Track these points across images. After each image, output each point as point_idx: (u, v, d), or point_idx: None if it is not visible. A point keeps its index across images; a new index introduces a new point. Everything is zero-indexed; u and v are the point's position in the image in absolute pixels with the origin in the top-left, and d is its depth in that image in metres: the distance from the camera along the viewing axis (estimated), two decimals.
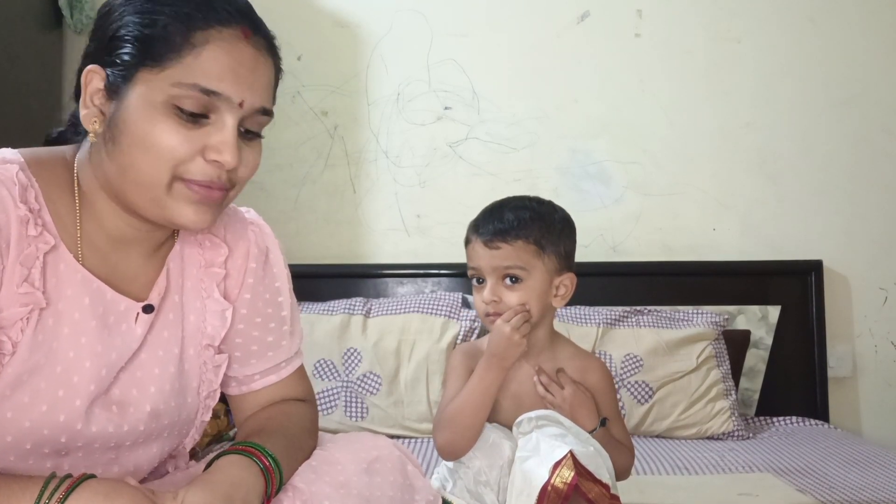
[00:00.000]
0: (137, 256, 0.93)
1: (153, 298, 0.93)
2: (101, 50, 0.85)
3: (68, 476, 0.76)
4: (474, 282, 1.34)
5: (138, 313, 0.91)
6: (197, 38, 0.82)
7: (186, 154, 0.83)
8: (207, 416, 1.02)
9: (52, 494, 0.73)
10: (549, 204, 1.37)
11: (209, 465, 0.88)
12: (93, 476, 0.77)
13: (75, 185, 0.89)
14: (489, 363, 1.28)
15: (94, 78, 0.85)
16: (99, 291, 0.88)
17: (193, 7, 0.83)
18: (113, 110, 0.84)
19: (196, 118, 0.83)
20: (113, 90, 0.84)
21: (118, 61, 0.83)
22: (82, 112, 0.86)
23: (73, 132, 0.95)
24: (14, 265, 0.81)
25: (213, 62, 0.82)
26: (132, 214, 0.89)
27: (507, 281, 1.29)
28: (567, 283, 1.33)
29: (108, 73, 0.84)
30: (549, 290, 1.31)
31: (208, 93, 0.82)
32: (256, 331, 1.03)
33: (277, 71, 0.92)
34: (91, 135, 0.86)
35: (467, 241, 1.36)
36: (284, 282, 1.06)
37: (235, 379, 1.05)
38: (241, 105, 0.84)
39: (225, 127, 0.84)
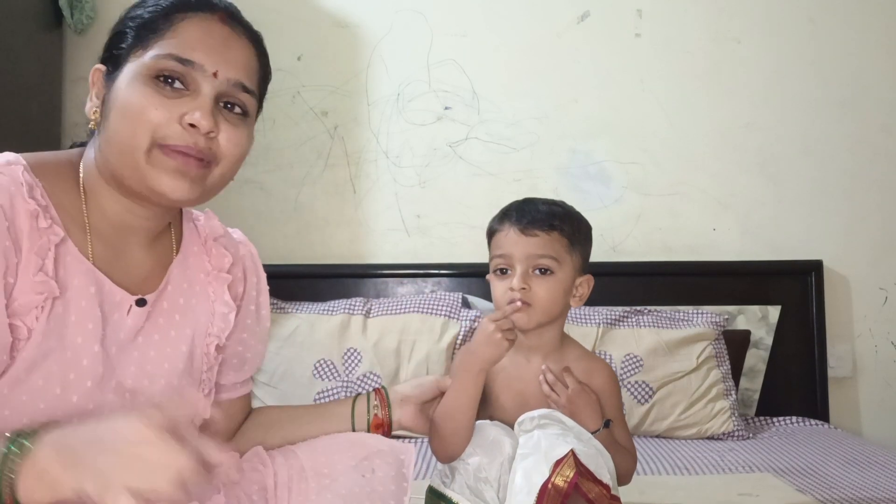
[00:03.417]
0: (137, 249, 0.98)
1: (148, 294, 0.97)
2: (105, 51, 0.96)
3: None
4: (496, 272, 1.30)
5: (131, 306, 0.95)
6: (176, 20, 0.92)
7: (163, 119, 0.88)
8: (206, 414, 1.05)
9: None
10: (573, 207, 1.36)
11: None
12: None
13: (80, 183, 0.94)
14: (465, 362, 1.23)
15: (97, 74, 0.95)
16: (99, 282, 0.93)
17: (177, 1, 0.93)
18: (106, 93, 0.93)
19: (175, 89, 0.89)
20: (110, 78, 0.93)
21: (114, 53, 0.93)
22: (87, 106, 0.94)
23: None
24: (29, 255, 0.85)
25: (188, 35, 0.91)
26: (126, 194, 0.93)
27: (537, 272, 1.27)
28: (586, 284, 1.33)
29: (108, 66, 0.94)
30: (571, 289, 1.31)
31: (183, 61, 0.90)
32: (240, 345, 1.11)
33: (262, 62, 0.99)
34: (91, 123, 0.93)
35: (494, 232, 1.32)
36: (267, 306, 1.15)
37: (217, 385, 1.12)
38: (215, 75, 0.91)
39: (201, 94, 0.90)
